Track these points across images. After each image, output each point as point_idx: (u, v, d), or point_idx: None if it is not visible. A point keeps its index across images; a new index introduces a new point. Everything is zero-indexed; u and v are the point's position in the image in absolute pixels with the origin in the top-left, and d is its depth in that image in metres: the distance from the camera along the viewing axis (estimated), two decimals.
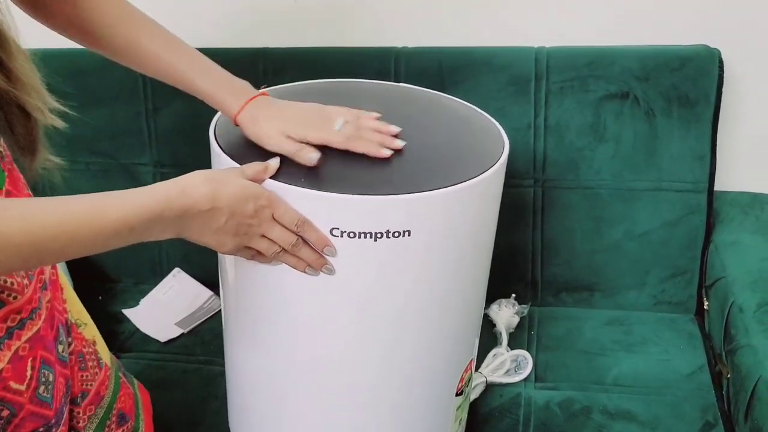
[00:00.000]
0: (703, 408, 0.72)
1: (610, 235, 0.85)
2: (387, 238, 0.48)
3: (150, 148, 0.93)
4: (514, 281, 0.89)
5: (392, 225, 0.48)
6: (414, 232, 0.49)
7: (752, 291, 0.73)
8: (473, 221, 0.53)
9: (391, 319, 0.53)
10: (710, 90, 0.80)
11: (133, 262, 0.97)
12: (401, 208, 0.48)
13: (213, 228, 0.45)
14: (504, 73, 0.83)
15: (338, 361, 0.55)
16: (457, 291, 0.56)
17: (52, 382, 0.47)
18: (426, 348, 0.56)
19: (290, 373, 0.56)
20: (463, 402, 0.64)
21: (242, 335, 0.59)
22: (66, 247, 0.39)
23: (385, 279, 0.51)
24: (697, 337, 0.82)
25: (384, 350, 0.55)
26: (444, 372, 0.59)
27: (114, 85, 0.91)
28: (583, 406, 0.73)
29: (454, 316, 0.57)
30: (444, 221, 0.51)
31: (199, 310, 0.91)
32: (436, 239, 0.51)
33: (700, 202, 0.83)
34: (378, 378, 0.56)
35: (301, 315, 0.53)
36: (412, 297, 0.53)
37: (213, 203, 0.44)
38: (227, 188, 0.45)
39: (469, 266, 0.56)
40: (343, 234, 0.48)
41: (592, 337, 0.83)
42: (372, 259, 0.50)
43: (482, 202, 0.54)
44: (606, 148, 0.83)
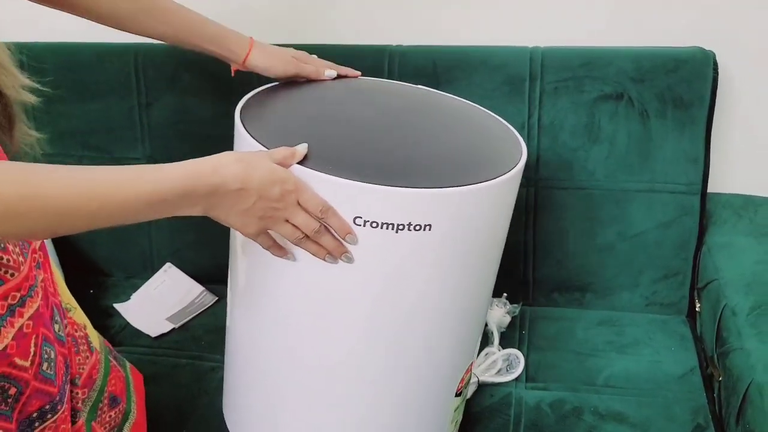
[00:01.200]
0: (694, 410, 0.72)
1: (603, 236, 0.85)
2: (409, 231, 0.49)
3: (143, 143, 0.93)
4: (506, 280, 0.88)
5: (415, 218, 0.49)
6: (435, 226, 0.49)
7: (745, 294, 0.73)
8: (491, 221, 0.54)
9: (401, 313, 0.53)
10: (705, 92, 0.80)
11: (125, 256, 0.97)
12: (426, 201, 0.49)
13: (240, 209, 0.46)
14: (499, 72, 0.83)
15: (343, 351, 0.55)
16: (468, 289, 0.56)
17: (54, 359, 0.48)
18: (433, 343, 0.57)
19: (293, 362, 0.56)
20: (460, 404, 0.64)
21: (248, 318, 0.58)
22: (96, 213, 0.40)
23: (404, 271, 0.51)
24: (689, 338, 0.82)
25: (392, 343, 0.55)
26: (447, 369, 0.60)
27: (107, 79, 0.91)
28: (574, 406, 0.73)
29: (462, 314, 0.57)
30: (463, 218, 0.51)
31: (190, 306, 0.91)
32: (455, 236, 0.51)
33: (693, 203, 0.83)
34: (383, 369, 0.56)
35: (311, 303, 0.54)
36: (424, 291, 0.53)
37: (243, 184, 0.45)
38: (257, 170, 0.45)
39: (482, 266, 0.57)
40: (366, 223, 0.48)
41: (583, 338, 0.83)
42: (392, 251, 0.50)
43: (501, 203, 0.55)
44: (600, 148, 0.83)
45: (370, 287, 0.52)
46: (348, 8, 0.91)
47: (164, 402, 0.76)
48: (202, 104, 0.90)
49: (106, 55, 0.91)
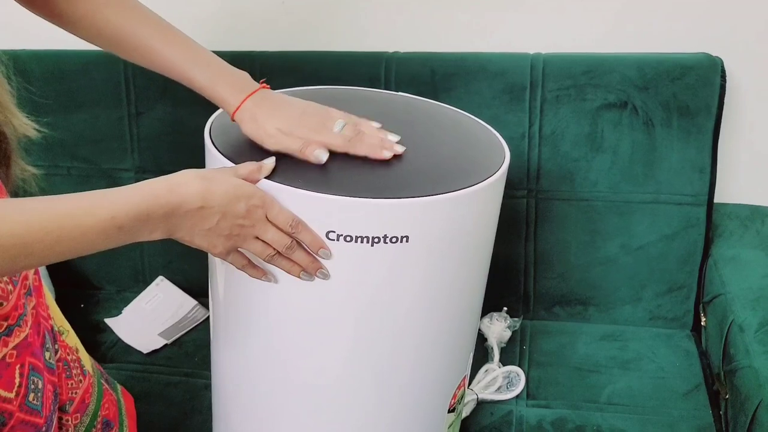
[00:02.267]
0: (700, 429, 0.70)
1: (605, 249, 0.83)
2: (385, 244, 0.47)
3: (132, 154, 0.90)
4: (507, 294, 0.86)
5: (390, 230, 0.47)
6: (413, 238, 0.47)
7: (753, 309, 0.71)
8: (473, 230, 0.52)
9: (386, 328, 0.52)
10: (712, 100, 0.77)
11: (116, 269, 0.95)
12: (400, 212, 0.47)
13: (204, 228, 0.43)
14: (498, 80, 0.80)
15: (330, 370, 0.53)
16: (454, 301, 0.54)
17: (42, 389, 0.46)
18: (421, 359, 0.55)
19: (280, 383, 0.55)
20: (455, 420, 0.62)
21: (232, 343, 0.57)
22: (52, 247, 0.37)
23: (382, 286, 0.50)
24: (694, 354, 0.80)
25: (378, 359, 0.53)
26: (438, 385, 0.58)
27: (96, 89, 0.89)
28: (576, 425, 0.71)
29: (450, 328, 0.55)
30: (443, 228, 0.49)
31: (183, 320, 0.89)
32: (435, 246, 0.49)
33: (699, 215, 0.80)
34: (370, 387, 0.54)
35: (294, 323, 0.52)
36: (408, 305, 0.51)
37: (203, 202, 0.42)
38: (219, 186, 0.43)
39: (467, 277, 0.55)
40: (339, 238, 0.47)
41: (585, 353, 0.81)
42: (369, 265, 0.48)
43: (482, 211, 0.53)
44: (603, 158, 0.81)
45: (350, 304, 0.50)
46: (345, 15, 0.88)
47: (156, 422, 0.74)
48: (194, 114, 0.87)
49: (95, 64, 0.88)
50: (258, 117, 0.50)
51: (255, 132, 0.50)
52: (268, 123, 0.50)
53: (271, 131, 0.49)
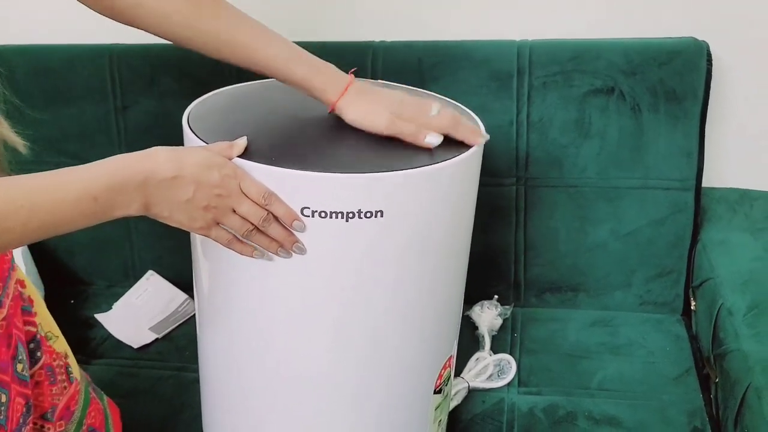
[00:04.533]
0: (691, 413, 0.70)
1: (595, 235, 0.83)
2: (360, 218, 0.48)
3: (119, 148, 0.90)
4: (497, 282, 0.86)
5: (364, 204, 0.47)
6: (387, 213, 0.48)
7: (742, 293, 0.71)
8: (449, 206, 0.53)
9: (367, 304, 0.52)
10: (698, 84, 0.77)
11: (106, 264, 0.94)
12: (373, 186, 0.48)
13: (182, 201, 0.43)
14: (485, 67, 0.80)
15: (313, 349, 0.54)
16: (435, 279, 0.55)
17: (6, 404, 0.45)
18: (404, 337, 0.55)
19: (263, 368, 0.55)
20: (442, 402, 0.62)
21: (216, 328, 0.57)
22: (28, 222, 0.38)
23: (360, 262, 0.50)
24: (684, 338, 0.80)
25: (361, 337, 0.53)
26: (421, 363, 0.58)
27: (81, 83, 0.88)
28: (567, 411, 0.71)
29: (432, 306, 0.56)
30: (417, 203, 0.50)
31: (173, 314, 0.89)
32: (410, 222, 0.50)
33: (687, 199, 0.80)
34: (355, 368, 0.55)
35: (275, 304, 0.52)
36: (388, 281, 0.52)
37: (177, 171, 0.43)
38: (190, 155, 0.44)
39: (446, 255, 0.55)
40: (314, 213, 0.47)
41: (576, 339, 0.81)
42: (345, 241, 0.49)
43: (456, 188, 0.53)
44: (591, 145, 0.80)
45: (329, 281, 0.51)
46: (330, 4, 0.87)
47: (147, 417, 0.74)
48: (181, 107, 0.86)
49: (79, 58, 0.88)
50: (362, 105, 0.52)
51: (365, 118, 0.52)
52: (376, 107, 0.52)
53: (383, 115, 0.51)
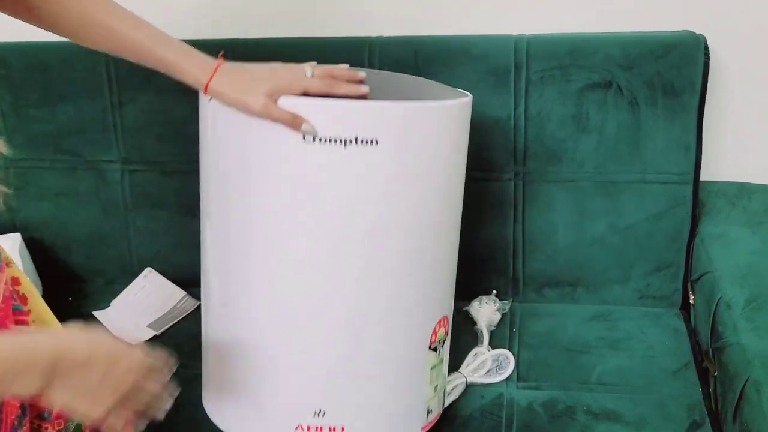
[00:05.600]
0: (690, 406, 0.70)
1: (593, 229, 0.83)
2: (356, 145, 0.52)
3: (117, 145, 0.90)
4: (495, 277, 0.86)
5: (361, 132, 0.52)
6: (381, 141, 0.53)
7: (740, 286, 0.71)
8: (438, 146, 0.57)
9: (362, 234, 0.56)
10: (696, 78, 0.77)
11: (103, 262, 0.94)
12: (368, 115, 0.53)
13: (86, 387, 0.41)
14: (482, 62, 0.80)
15: (307, 280, 0.56)
16: (427, 216, 0.59)
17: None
18: (397, 277, 0.58)
19: (264, 296, 0.58)
20: (437, 364, 0.64)
21: (220, 260, 0.61)
22: None
23: (358, 188, 0.54)
24: (683, 332, 0.80)
25: (357, 267, 0.56)
26: (416, 307, 0.60)
27: (77, 80, 0.88)
28: (566, 406, 0.71)
29: (425, 247, 0.59)
30: (409, 136, 0.55)
31: (172, 311, 0.89)
32: (403, 154, 0.55)
33: (685, 193, 0.80)
34: (353, 301, 0.57)
35: (276, 229, 0.56)
36: (382, 211, 0.56)
37: (88, 359, 0.41)
38: (103, 345, 0.42)
39: (438, 194, 0.59)
40: (315, 139, 0.52)
41: (575, 334, 0.81)
42: (343, 167, 0.53)
43: (446, 130, 0.58)
44: (589, 139, 0.80)
45: (327, 205, 0.55)
46: (326, 0, 0.87)
47: None
48: (179, 104, 0.87)
49: (75, 55, 0.88)
50: (236, 85, 0.52)
51: (239, 100, 0.52)
52: (249, 88, 0.52)
53: (257, 97, 0.51)
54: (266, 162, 0.55)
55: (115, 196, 0.91)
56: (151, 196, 0.91)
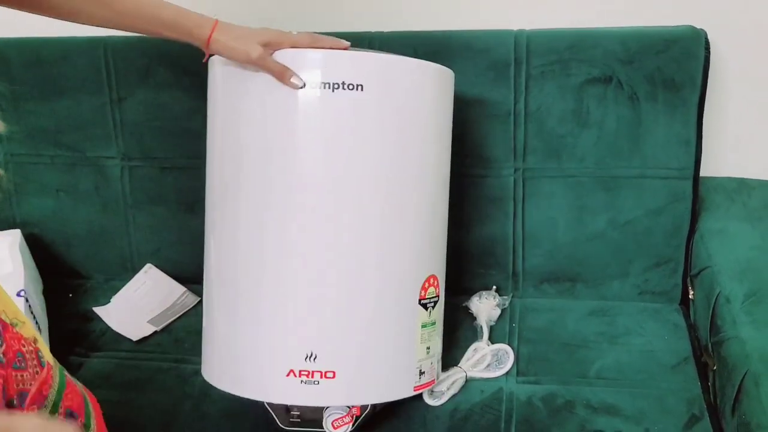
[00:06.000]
0: (689, 401, 0.70)
1: (593, 225, 0.83)
2: (343, 90, 0.58)
3: (116, 140, 0.90)
4: (495, 273, 0.86)
5: (347, 77, 0.59)
6: (366, 87, 0.59)
7: (740, 281, 0.71)
8: (420, 101, 0.63)
9: (351, 179, 0.61)
10: (696, 72, 0.77)
11: (104, 258, 0.94)
12: (353, 62, 0.60)
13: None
14: (482, 57, 0.80)
15: (302, 224, 0.61)
16: (413, 168, 0.63)
17: None
18: (384, 218, 0.62)
19: (256, 243, 0.62)
20: (428, 324, 0.65)
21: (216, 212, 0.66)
22: None
23: (344, 132, 0.60)
24: (682, 327, 0.80)
25: (345, 212, 0.61)
26: (404, 257, 0.63)
27: (76, 75, 0.88)
28: (566, 400, 0.71)
29: (410, 198, 0.63)
30: (392, 85, 0.61)
31: (172, 307, 0.89)
32: (387, 101, 0.61)
33: (685, 189, 0.80)
34: (340, 247, 0.61)
35: (266, 176, 0.61)
36: (370, 158, 0.61)
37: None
38: None
39: (422, 148, 0.64)
40: (305, 85, 0.59)
41: (574, 329, 0.81)
42: (330, 109, 0.59)
43: (427, 87, 0.64)
44: (589, 134, 0.80)
45: (318, 148, 0.60)
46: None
47: (147, 408, 0.74)
48: (178, 99, 0.87)
49: (74, 50, 0.87)
50: (235, 39, 0.59)
51: (238, 49, 0.59)
52: (245, 40, 0.58)
53: (257, 48, 0.58)
54: (260, 108, 0.61)
55: (115, 192, 0.91)
56: (151, 192, 0.91)
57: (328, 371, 0.60)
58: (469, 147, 0.82)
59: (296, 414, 0.65)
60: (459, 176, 0.80)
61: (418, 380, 0.65)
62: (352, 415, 0.64)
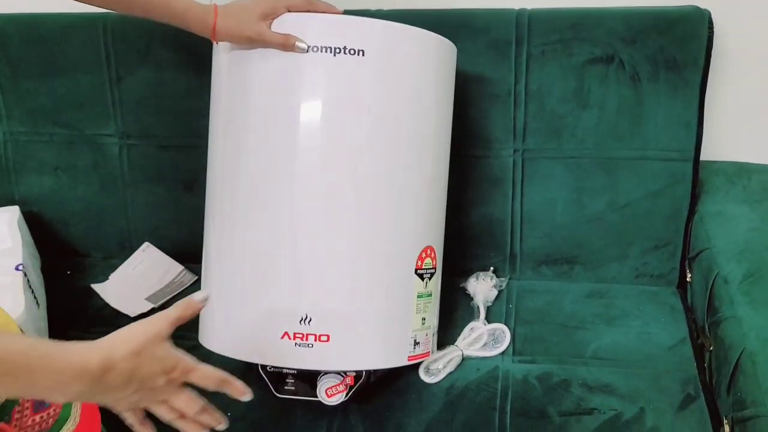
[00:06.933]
0: (685, 381, 0.70)
1: (592, 206, 0.83)
2: (345, 54, 0.59)
3: (115, 119, 0.89)
4: (493, 254, 0.86)
5: (348, 42, 0.59)
6: (368, 53, 0.60)
7: (738, 262, 0.71)
8: (420, 70, 0.64)
9: (351, 145, 0.61)
10: (699, 53, 0.77)
11: (102, 236, 0.94)
12: (355, 27, 0.61)
13: (117, 397, 0.43)
14: (483, 36, 0.79)
15: (300, 189, 0.61)
16: (411, 136, 0.64)
17: None
18: (382, 185, 0.62)
19: (254, 206, 0.63)
20: (424, 294, 0.66)
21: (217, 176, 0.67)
22: None
23: (344, 96, 0.61)
24: (680, 310, 0.80)
25: (344, 175, 0.61)
26: (401, 225, 0.64)
27: (75, 53, 0.87)
28: (561, 379, 0.71)
29: (409, 165, 0.64)
30: (393, 52, 0.62)
31: (170, 285, 0.89)
32: (387, 67, 0.61)
33: (685, 171, 0.80)
34: (338, 211, 0.61)
35: (268, 141, 0.62)
36: (369, 123, 0.61)
37: (128, 380, 0.42)
38: (146, 366, 0.43)
39: (421, 117, 0.64)
40: (309, 49, 0.60)
41: (571, 311, 0.81)
42: (332, 74, 0.60)
43: (427, 57, 0.65)
44: (589, 115, 0.80)
45: (319, 110, 0.60)
46: None
47: None
48: (177, 77, 0.87)
49: (73, 27, 0.87)
50: (235, 20, 0.61)
51: (238, 31, 0.61)
52: (247, 19, 0.60)
53: (254, 27, 0.60)
54: (261, 72, 0.62)
55: (113, 170, 0.91)
56: (150, 170, 0.91)
57: (322, 335, 0.61)
58: (469, 127, 0.82)
59: (291, 382, 0.65)
60: (458, 157, 0.80)
61: (413, 350, 0.66)
62: (346, 384, 0.64)
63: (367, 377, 0.66)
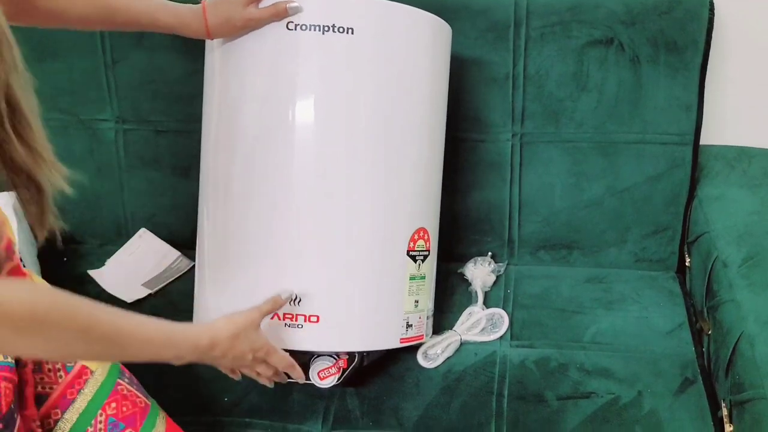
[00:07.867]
0: (683, 365, 0.70)
1: (590, 191, 0.82)
2: (333, 33, 0.59)
3: (111, 104, 0.89)
4: (491, 239, 0.86)
5: (337, 20, 0.59)
6: (357, 31, 0.59)
7: (737, 245, 0.71)
8: (411, 51, 0.63)
9: (341, 124, 0.61)
10: (699, 35, 0.76)
11: (98, 223, 0.94)
12: (344, 3, 0.60)
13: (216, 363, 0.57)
14: (481, 18, 0.78)
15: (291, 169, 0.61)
16: (402, 117, 0.63)
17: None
18: (374, 165, 0.62)
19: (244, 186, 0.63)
20: (417, 277, 0.65)
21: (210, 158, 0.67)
22: (121, 349, 0.48)
23: (334, 75, 0.60)
24: (678, 294, 0.80)
25: (337, 155, 0.61)
26: (392, 205, 0.63)
27: (69, 37, 0.86)
28: (559, 363, 0.71)
29: (400, 146, 0.63)
30: (382, 31, 0.61)
31: (166, 271, 0.89)
32: (377, 46, 0.61)
33: (684, 155, 0.79)
34: (328, 189, 0.61)
35: (258, 122, 0.61)
36: (359, 102, 0.61)
37: (226, 353, 0.55)
38: (241, 345, 0.55)
39: (413, 97, 0.64)
40: (296, 27, 0.59)
41: (570, 296, 0.81)
42: (321, 53, 0.60)
43: (418, 37, 0.64)
44: (588, 98, 0.79)
45: (308, 96, 0.60)
46: None
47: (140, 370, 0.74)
48: (172, 62, 0.86)
49: None
50: (224, 20, 0.60)
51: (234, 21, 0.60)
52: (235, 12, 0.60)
53: (247, 13, 0.59)
54: (253, 53, 0.61)
55: (109, 156, 0.91)
56: (146, 155, 0.90)
57: (312, 315, 0.61)
58: (466, 110, 0.81)
59: None
60: (455, 140, 0.79)
61: (405, 333, 0.65)
62: (339, 367, 0.64)
63: (360, 360, 0.65)
